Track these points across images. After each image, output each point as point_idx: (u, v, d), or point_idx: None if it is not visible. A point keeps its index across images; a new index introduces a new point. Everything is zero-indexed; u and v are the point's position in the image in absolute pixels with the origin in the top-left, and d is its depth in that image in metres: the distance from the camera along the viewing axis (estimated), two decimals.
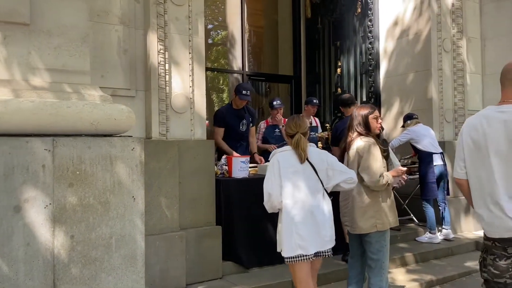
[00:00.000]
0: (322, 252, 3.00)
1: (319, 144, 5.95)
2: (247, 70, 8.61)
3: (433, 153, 5.74)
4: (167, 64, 4.19)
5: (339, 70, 7.71)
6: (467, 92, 6.73)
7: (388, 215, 3.32)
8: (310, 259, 2.98)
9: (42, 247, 2.57)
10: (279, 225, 3.08)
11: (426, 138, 5.79)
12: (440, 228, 5.89)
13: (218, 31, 11.64)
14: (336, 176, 3.07)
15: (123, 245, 2.81)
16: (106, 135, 2.86)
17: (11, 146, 2.51)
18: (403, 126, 6.13)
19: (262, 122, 6.12)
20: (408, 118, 6.04)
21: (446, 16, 6.56)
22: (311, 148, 3.14)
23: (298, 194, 3.00)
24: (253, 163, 5.37)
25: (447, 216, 5.88)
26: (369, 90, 7.28)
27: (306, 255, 2.95)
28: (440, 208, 5.84)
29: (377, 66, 7.18)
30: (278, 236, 3.10)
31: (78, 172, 2.68)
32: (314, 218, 2.98)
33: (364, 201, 3.30)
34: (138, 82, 4.19)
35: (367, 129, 3.37)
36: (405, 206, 6.38)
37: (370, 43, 7.24)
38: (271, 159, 3.19)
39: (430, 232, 5.75)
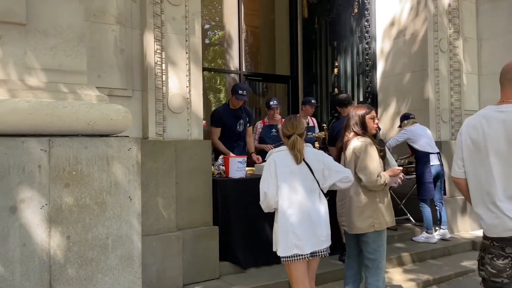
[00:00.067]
0: (318, 252, 3.01)
1: (316, 144, 5.96)
2: (244, 70, 8.61)
3: (430, 153, 5.74)
4: (163, 64, 4.19)
5: (336, 70, 7.71)
6: (463, 92, 6.75)
7: (385, 215, 3.33)
8: (306, 259, 2.98)
9: (38, 247, 2.56)
10: (275, 224, 3.09)
11: (423, 138, 5.79)
12: (436, 228, 5.90)
13: (215, 31, 11.64)
14: (332, 175, 3.08)
15: (120, 245, 2.81)
16: (102, 135, 2.85)
17: (7, 146, 2.50)
18: (400, 126, 6.14)
19: (259, 122, 6.11)
20: (405, 118, 6.05)
21: (442, 17, 6.57)
22: (308, 148, 3.14)
23: (294, 194, 3.01)
24: (251, 163, 5.38)
25: (443, 216, 5.89)
26: (366, 90, 7.29)
27: (302, 255, 2.96)
28: (436, 208, 5.85)
29: (374, 66, 7.19)
30: (274, 236, 3.11)
31: (74, 173, 2.67)
32: (310, 218, 2.99)
33: (361, 201, 3.30)
34: (134, 82, 4.18)
35: (363, 129, 3.38)
36: (402, 206, 6.39)
37: (367, 43, 7.25)
38: (267, 159, 3.20)
39: (427, 232, 5.76)
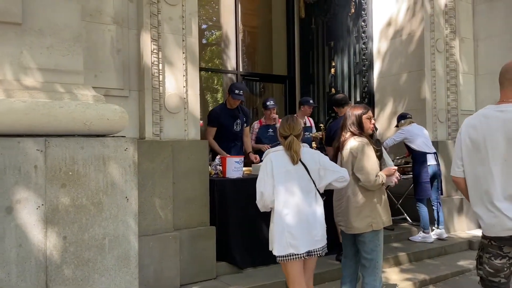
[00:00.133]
0: (313, 251, 3.02)
1: (313, 144, 5.96)
2: (241, 70, 8.60)
3: (426, 153, 5.75)
4: (160, 64, 4.18)
5: (333, 70, 7.72)
6: (460, 92, 6.76)
7: (382, 214, 3.34)
8: (301, 258, 3.00)
9: (35, 248, 2.56)
10: (271, 224, 3.10)
11: (419, 138, 5.80)
12: (433, 227, 5.92)
13: (212, 31, 11.62)
14: (328, 175, 3.09)
15: (117, 246, 2.80)
16: (99, 136, 2.85)
17: (2, 147, 2.49)
18: (397, 125, 6.15)
19: (256, 122, 6.11)
20: (402, 118, 6.06)
21: (439, 17, 6.59)
22: (304, 148, 3.15)
23: (290, 194, 3.02)
24: (248, 163, 5.38)
25: (440, 215, 5.90)
26: (363, 90, 7.30)
27: (297, 254, 2.97)
28: (433, 207, 5.87)
29: (370, 66, 7.20)
30: (270, 235, 3.12)
31: (70, 173, 2.67)
32: (305, 218, 3.00)
33: (359, 201, 3.30)
34: (131, 82, 4.17)
35: (360, 129, 3.38)
36: (398, 206, 6.40)
37: (364, 44, 7.26)
38: (264, 158, 3.21)
39: (423, 232, 5.77)
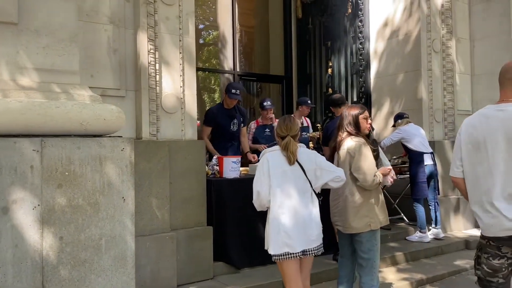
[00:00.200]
0: (309, 250, 3.03)
1: (311, 144, 5.97)
2: (238, 70, 8.61)
3: (423, 152, 5.77)
4: (157, 64, 4.17)
5: (330, 70, 7.73)
6: (456, 92, 6.78)
7: (379, 214, 3.35)
8: (297, 257, 3.01)
9: (31, 248, 2.55)
10: (267, 223, 3.11)
11: (416, 138, 5.81)
12: (430, 227, 5.93)
13: (209, 31, 11.62)
14: (324, 175, 3.10)
15: (113, 246, 2.80)
16: (95, 136, 2.84)
17: None
18: (394, 125, 6.16)
19: (253, 122, 6.12)
20: (399, 118, 6.07)
21: (435, 17, 6.61)
22: (301, 149, 3.15)
23: (286, 194, 3.03)
24: (246, 162, 5.38)
25: (438, 215, 5.91)
26: (359, 90, 7.32)
27: (292, 253, 2.98)
28: (430, 207, 5.88)
29: (367, 67, 7.21)
30: (266, 234, 3.13)
31: (67, 173, 2.66)
32: (301, 218, 3.02)
33: (356, 201, 3.31)
34: (128, 82, 4.16)
35: (357, 129, 3.39)
36: (395, 206, 6.41)
37: (361, 44, 7.27)
38: (261, 158, 3.22)
39: (420, 231, 5.78)
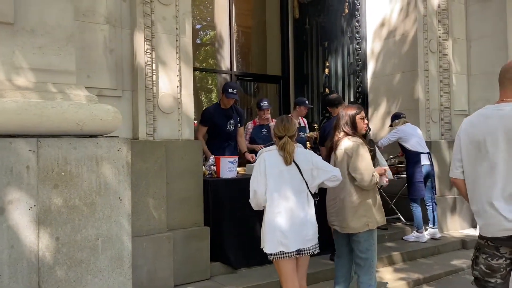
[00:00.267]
0: (304, 250, 3.04)
1: (308, 144, 5.97)
2: (235, 70, 8.59)
3: (420, 152, 5.78)
4: (154, 64, 4.17)
5: (327, 70, 7.73)
6: (453, 92, 6.79)
7: (376, 214, 3.35)
8: (292, 256, 3.03)
9: (27, 249, 2.54)
10: (263, 222, 3.13)
11: (413, 138, 5.82)
12: (427, 227, 5.94)
13: (206, 31, 11.61)
14: (320, 175, 3.12)
15: (110, 246, 2.79)
16: (92, 136, 2.83)
17: None
18: (391, 125, 6.17)
19: (250, 123, 6.12)
20: (396, 117, 6.08)
21: (432, 17, 6.62)
22: (298, 149, 3.16)
23: (282, 194, 3.05)
24: (244, 163, 5.37)
25: (435, 215, 5.92)
26: (356, 91, 7.32)
27: (288, 252, 3.00)
28: (427, 207, 5.89)
29: (364, 67, 7.22)
30: (262, 233, 3.16)
31: (63, 173, 2.65)
32: (296, 217, 3.03)
33: (354, 201, 3.32)
34: (124, 82, 4.15)
35: (354, 129, 3.40)
36: (392, 206, 6.43)
37: (358, 44, 7.28)
38: (258, 158, 3.24)
39: (417, 231, 5.79)
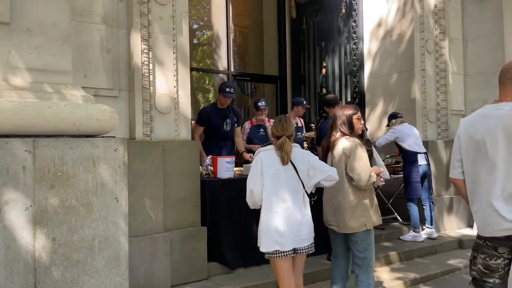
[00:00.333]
0: (300, 249, 3.06)
1: (305, 144, 5.98)
2: (232, 70, 8.60)
3: (417, 152, 5.78)
4: (151, 64, 4.16)
5: (324, 70, 7.74)
6: (449, 92, 6.81)
7: (373, 214, 3.36)
8: (288, 256, 3.04)
9: (23, 250, 2.53)
10: (260, 221, 3.14)
11: (410, 138, 5.83)
12: (423, 226, 5.95)
13: (204, 31, 11.61)
14: (317, 175, 3.13)
15: (106, 247, 2.78)
16: (88, 136, 2.82)
17: None
18: (388, 125, 6.18)
19: (247, 123, 6.13)
20: (393, 117, 6.09)
21: (429, 17, 6.64)
22: (295, 149, 3.17)
23: (278, 193, 3.06)
24: (241, 163, 5.37)
25: (432, 215, 5.92)
26: (353, 91, 7.33)
27: (283, 252, 3.02)
28: (424, 207, 5.90)
29: (361, 67, 7.23)
30: (258, 232, 3.16)
31: (59, 174, 2.64)
32: (292, 217, 3.05)
33: (352, 201, 3.33)
34: (121, 82, 4.14)
35: (351, 129, 3.40)
36: (389, 205, 6.43)
37: (355, 44, 7.29)
38: (255, 157, 3.26)
39: (414, 231, 5.80)
